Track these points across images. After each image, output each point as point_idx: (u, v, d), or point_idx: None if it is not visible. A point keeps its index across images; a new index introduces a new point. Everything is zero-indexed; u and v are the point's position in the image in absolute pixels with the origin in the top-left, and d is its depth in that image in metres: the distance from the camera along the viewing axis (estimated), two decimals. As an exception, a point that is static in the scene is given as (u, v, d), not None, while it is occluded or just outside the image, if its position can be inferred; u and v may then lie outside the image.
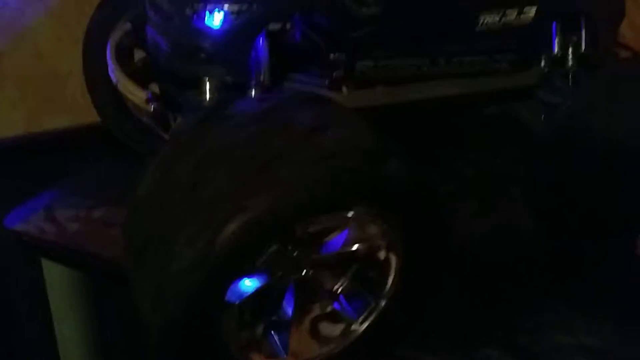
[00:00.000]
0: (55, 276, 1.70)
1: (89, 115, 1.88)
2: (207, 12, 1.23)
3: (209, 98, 1.29)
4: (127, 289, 0.99)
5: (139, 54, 1.52)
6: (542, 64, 1.60)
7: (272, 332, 1.07)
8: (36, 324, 1.84)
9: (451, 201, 1.81)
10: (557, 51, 1.58)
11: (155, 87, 1.45)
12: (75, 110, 2.12)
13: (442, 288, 1.13)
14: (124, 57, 1.49)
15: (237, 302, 0.98)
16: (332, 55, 1.32)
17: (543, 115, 1.60)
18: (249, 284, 0.99)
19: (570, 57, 1.61)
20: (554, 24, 1.56)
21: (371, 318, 1.11)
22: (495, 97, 1.59)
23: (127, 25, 1.50)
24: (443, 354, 1.27)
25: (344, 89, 1.39)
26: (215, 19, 1.23)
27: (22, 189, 1.81)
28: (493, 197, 1.77)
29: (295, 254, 1.03)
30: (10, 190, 1.84)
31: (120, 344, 1.88)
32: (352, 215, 1.00)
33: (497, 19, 1.43)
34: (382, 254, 1.08)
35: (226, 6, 1.22)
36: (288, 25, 1.28)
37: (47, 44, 2.09)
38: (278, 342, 1.07)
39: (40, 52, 2.10)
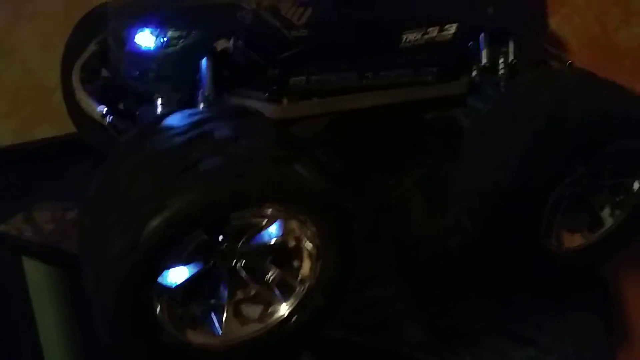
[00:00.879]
0: (35, 273, 1.85)
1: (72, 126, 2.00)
2: (154, 38, 1.41)
3: (160, 111, 1.46)
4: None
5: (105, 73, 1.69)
6: (474, 73, 1.76)
7: (209, 313, 1.25)
8: (19, 315, 2.00)
9: (403, 199, 2.00)
10: (486, 61, 1.74)
11: (118, 103, 1.63)
12: (63, 122, 2.27)
13: (353, 275, 1.29)
14: (92, 76, 1.65)
15: (172, 286, 1.16)
16: (269, 72, 1.50)
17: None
18: (183, 271, 1.17)
19: (500, 66, 1.77)
20: (481, 37, 1.73)
21: (295, 302, 1.29)
22: (424, 105, 1.75)
23: (94, 47, 1.67)
24: (368, 334, 1.45)
25: (284, 101, 1.57)
26: (161, 43, 1.41)
27: (8, 194, 1.98)
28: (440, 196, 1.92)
29: (224, 246, 1.20)
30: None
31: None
32: (270, 212, 1.18)
33: (420, 36, 1.60)
34: (302, 245, 1.26)
35: (169, 33, 1.40)
36: (230, 44, 1.45)
37: (35, 60, 2.23)
38: (215, 322, 1.24)
39: (28, 67, 2.24)
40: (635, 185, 1.60)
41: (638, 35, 2.11)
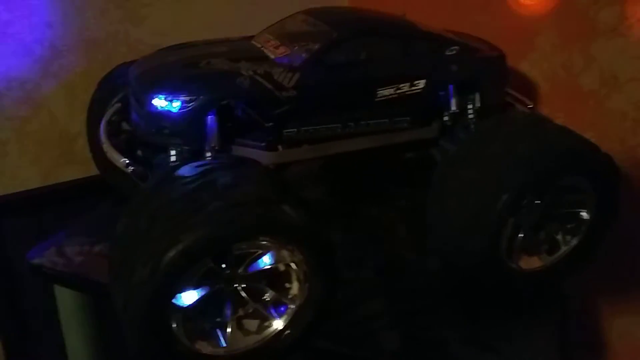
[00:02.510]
0: (65, 299, 2.09)
1: (95, 169, 2.24)
2: (168, 101, 1.69)
3: (174, 160, 1.73)
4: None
5: (126, 126, 1.97)
6: (445, 118, 2.03)
7: (216, 327, 1.50)
8: (50, 339, 2.22)
9: (389, 228, 2.24)
10: (455, 108, 2.01)
11: (139, 152, 1.90)
12: (84, 164, 2.48)
13: (340, 295, 1.54)
14: (114, 129, 1.92)
15: (186, 307, 1.42)
16: (265, 126, 1.77)
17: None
18: (194, 293, 1.43)
19: (469, 111, 2.04)
20: (450, 88, 1.99)
21: (287, 318, 1.54)
22: (401, 148, 2.01)
23: (118, 105, 1.95)
24: (352, 345, 1.68)
25: (279, 148, 1.84)
26: (174, 106, 1.69)
27: (40, 231, 2.22)
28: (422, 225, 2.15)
29: (227, 272, 1.46)
30: (31, 232, 2.25)
31: (122, 355, 2.28)
32: (264, 243, 1.44)
33: (393, 91, 1.87)
34: (292, 270, 1.51)
35: (181, 97, 1.68)
36: (231, 105, 1.73)
37: (60, 109, 2.49)
38: (221, 335, 1.50)
39: (54, 116, 2.50)
40: (585, 215, 1.84)
41: (598, 77, 2.34)
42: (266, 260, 1.48)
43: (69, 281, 1.98)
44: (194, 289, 1.42)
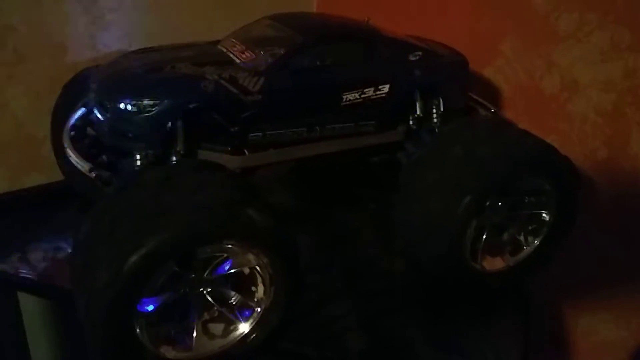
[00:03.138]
0: (30, 306, 2.08)
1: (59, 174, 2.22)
2: (132, 105, 1.68)
3: (139, 165, 1.72)
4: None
5: (90, 131, 1.95)
6: (410, 122, 2.06)
7: (181, 332, 1.50)
8: (14, 343, 2.18)
9: (357, 230, 2.26)
10: (419, 113, 2.04)
11: (104, 157, 1.88)
12: (51, 169, 2.38)
13: (302, 300, 1.55)
14: (79, 134, 1.91)
15: (150, 311, 1.41)
16: (230, 130, 1.78)
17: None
18: (158, 298, 1.43)
19: (433, 115, 2.08)
20: (415, 92, 2.03)
21: (253, 321, 1.54)
22: (367, 152, 2.04)
23: (82, 110, 1.93)
24: (318, 347, 1.69)
25: (246, 152, 1.84)
26: (138, 110, 1.68)
27: (3, 237, 2.17)
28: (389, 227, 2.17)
29: (193, 276, 1.46)
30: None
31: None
32: (229, 247, 1.44)
33: (358, 95, 1.89)
34: (257, 274, 1.52)
35: (145, 101, 1.67)
36: (196, 109, 1.72)
37: (25, 114, 2.42)
38: (187, 339, 1.50)
39: (19, 121, 2.43)
40: (546, 216, 1.88)
41: (558, 82, 2.39)
42: (231, 264, 1.48)
43: (33, 287, 1.94)
44: (158, 293, 1.41)
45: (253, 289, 1.54)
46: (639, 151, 2.24)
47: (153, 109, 1.67)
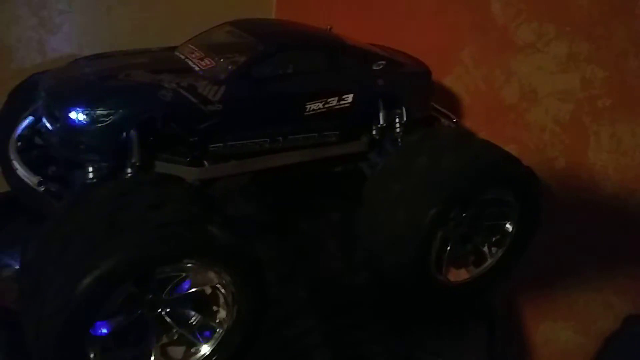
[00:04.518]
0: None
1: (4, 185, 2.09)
2: (85, 115, 1.59)
3: (91, 178, 1.63)
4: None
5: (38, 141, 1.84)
6: (374, 132, 2.03)
7: (138, 357, 1.42)
8: None
9: (318, 242, 2.22)
10: (383, 122, 2.01)
11: (53, 169, 1.79)
12: None
13: (269, 316, 1.49)
14: (26, 144, 1.80)
15: (104, 336, 1.33)
16: (189, 140, 1.70)
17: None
18: (113, 321, 1.34)
19: (396, 125, 2.05)
20: (378, 102, 2.00)
21: (215, 342, 1.48)
22: (330, 162, 2.00)
23: (30, 119, 1.82)
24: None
25: (205, 163, 1.77)
26: (91, 120, 1.58)
27: None
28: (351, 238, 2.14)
29: (150, 297, 1.38)
30: None
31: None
32: (189, 265, 1.37)
33: (321, 105, 1.85)
34: (219, 293, 1.45)
35: (98, 111, 1.58)
36: (153, 119, 1.65)
37: None
38: None
39: None
40: (509, 227, 1.88)
41: (517, 91, 2.41)
42: (191, 283, 1.41)
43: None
44: (113, 317, 1.33)
45: (215, 308, 1.47)
46: (596, 160, 2.27)
47: (107, 119, 1.58)
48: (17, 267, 1.87)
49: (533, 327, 2.57)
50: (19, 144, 1.75)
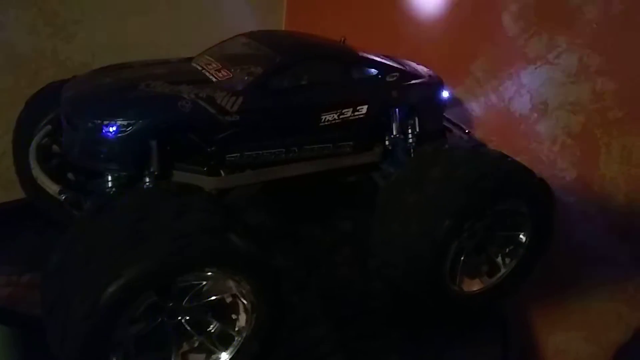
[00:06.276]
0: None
1: (21, 191, 2.10)
2: (105, 125, 1.61)
3: (110, 186, 1.65)
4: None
5: (56, 149, 1.86)
6: (387, 143, 2.04)
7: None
8: None
9: (330, 250, 2.23)
10: (396, 133, 2.03)
11: (71, 176, 1.81)
12: (8, 188, 2.31)
13: (284, 325, 1.50)
14: (45, 153, 1.82)
15: (127, 342, 1.34)
16: (207, 150, 1.72)
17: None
18: (136, 328, 1.36)
19: (409, 135, 2.07)
20: (391, 113, 2.02)
21: (233, 350, 1.49)
22: (344, 172, 2.01)
23: (48, 128, 1.84)
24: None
25: (222, 173, 1.79)
26: (111, 130, 1.61)
27: None
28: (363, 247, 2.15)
29: (171, 305, 1.40)
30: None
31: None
32: (210, 274, 1.39)
33: (336, 116, 1.87)
34: (239, 301, 1.47)
35: (119, 121, 1.61)
36: (172, 129, 1.67)
37: None
38: None
39: None
40: (522, 238, 1.89)
41: (528, 103, 2.42)
42: (212, 291, 1.42)
43: (-3, 315, 1.83)
44: (136, 324, 1.35)
45: (234, 316, 1.48)
46: (607, 172, 2.28)
47: (127, 129, 1.60)
48: (33, 273, 1.90)
49: (544, 337, 2.57)
50: (38, 152, 1.77)
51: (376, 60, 2.01)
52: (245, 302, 1.46)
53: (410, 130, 2.07)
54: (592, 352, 2.43)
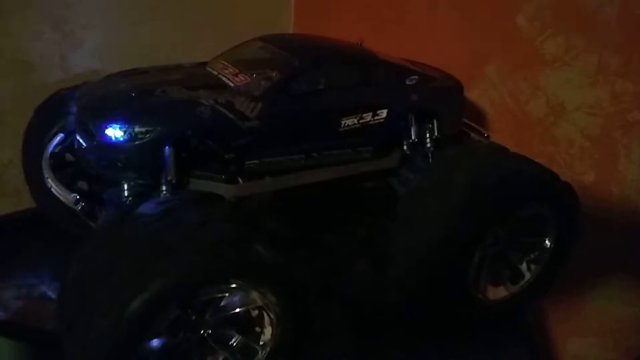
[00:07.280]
0: (2, 350, 1.90)
1: (28, 200, 2.08)
2: (122, 132, 1.56)
3: (127, 195, 1.60)
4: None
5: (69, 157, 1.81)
6: (405, 147, 2.00)
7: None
8: None
9: (348, 259, 2.18)
10: (414, 138, 1.99)
11: (83, 185, 1.76)
12: (15, 196, 2.31)
13: (309, 337, 1.45)
14: (59, 163, 1.77)
15: (149, 357, 1.29)
16: (225, 157, 1.67)
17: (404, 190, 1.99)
18: (158, 342, 1.31)
19: (427, 140, 2.02)
20: (410, 117, 1.97)
21: (258, 364, 1.44)
22: (363, 178, 1.97)
23: (60, 136, 1.79)
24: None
25: (240, 180, 1.74)
26: (129, 138, 1.56)
27: None
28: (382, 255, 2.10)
29: (193, 318, 1.35)
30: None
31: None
32: (234, 286, 1.34)
33: (356, 121, 1.82)
34: (264, 314, 1.42)
35: (136, 128, 1.56)
36: (190, 136, 1.62)
37: None
38: None
39: None
40: (547, 243, 1.85)
41: (544, 105, 2.39)
42: (235, 304, 1.38)
43: (6, 329, 1.77)
44: (159, 339, 1.30)
45: (258, 329, 1.43)
46: (627, 175, 2.24)
47: (145, 136, 1.55)
48: (46, 286, 1.85)
49: (561, 343, 2.53)
50: (52, 161, 1.72)
51: (395, 64, 1.97)
52: (271, 314, 1.41)
53: (428, 135, 2.02)
54: (610, 359, 2.39)
